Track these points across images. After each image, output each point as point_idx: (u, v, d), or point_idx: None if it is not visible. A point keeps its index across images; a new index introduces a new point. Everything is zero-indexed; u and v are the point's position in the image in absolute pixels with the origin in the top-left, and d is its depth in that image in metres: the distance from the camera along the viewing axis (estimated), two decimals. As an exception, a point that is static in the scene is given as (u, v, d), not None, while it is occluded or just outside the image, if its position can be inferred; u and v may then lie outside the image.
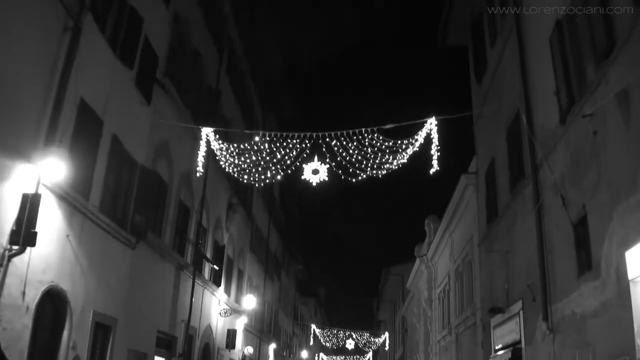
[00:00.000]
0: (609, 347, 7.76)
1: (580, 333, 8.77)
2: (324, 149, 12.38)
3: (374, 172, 12.30)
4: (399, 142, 12.11)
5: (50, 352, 11.06)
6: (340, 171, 12.36)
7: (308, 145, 12.43)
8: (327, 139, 12.27)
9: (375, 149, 12.11)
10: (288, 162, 12.73)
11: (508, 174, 13.19)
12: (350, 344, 51.57)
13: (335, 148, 12.26)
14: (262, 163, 13.28)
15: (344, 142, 12.20)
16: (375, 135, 12.06)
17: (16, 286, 9.45)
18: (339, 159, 12.28)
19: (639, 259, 6.92)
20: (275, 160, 12.93)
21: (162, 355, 16.98)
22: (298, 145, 12.52)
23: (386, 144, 12.08)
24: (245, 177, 13.66)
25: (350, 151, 12.21)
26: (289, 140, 12.64)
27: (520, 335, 11.95)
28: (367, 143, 12.06)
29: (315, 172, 12.32)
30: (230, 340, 23.71)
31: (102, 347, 13.00)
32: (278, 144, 12.79)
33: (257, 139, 13.45)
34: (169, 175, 16.86)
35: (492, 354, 13.99)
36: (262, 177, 13.41)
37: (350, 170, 12.33)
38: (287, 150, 12.67)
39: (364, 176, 12.32)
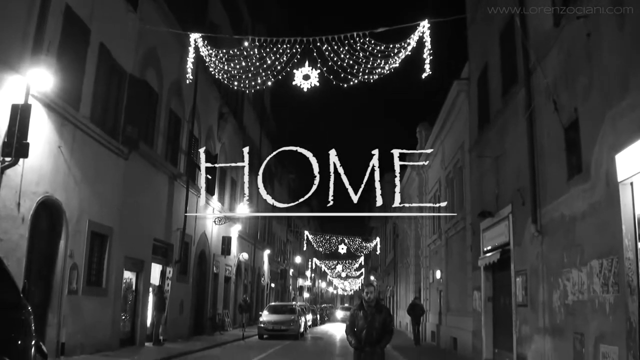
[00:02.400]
0: (597, 247, 7.95)
1: (569, 234, 8.96)
2: (314, 54, 12.17)
3: (366, 77, 12.14)
4: (391, 46, 11.90)
5: (48, 261, 11.30)
6: (331, 76, 12.20)
7: (299, 50, 12.20)
8: (318, 44, 12.04)
9: (367, 53, 11.91)
10: (279, 67, 12.53)
11: (500, 80, 13.07)
12: (342, 249, 52.70)
13: (327, 53, 12.05)
14: (252, 69, 13.08)
15: (335, 47, 11.98)
16: (367, 39, 11.83)
17: (11, 198, 9.52)
18: (330, 64, 12.09)
19: (629, 162, 6.98)
20: (265, 66, 12.73)
21: (159, 262, 17.37)
22: (288, 51, 12.29)
23: (378, 48, 11.87)
24: (236, 83, 13.49)
25: (342, 56, 12.00)
26: (279, 46, 12.39)
27: (509, 237, 12.21)
28: (358, 47, 11.84)
29: (306, 77, 12.14)
30: (226, 247, 24.21)
31: (100, 255, 13.27)
32: (268, 50, 12.55)
33: (246, 44, 13.20)
34: (159, 84, 16.66)
35: (481, 256, 14.34)
36: (253, 83, 13.23)
37: (342, 75, 12.17)
38: (278, 56, 12.44)
39: (356, 81, 12.16)
